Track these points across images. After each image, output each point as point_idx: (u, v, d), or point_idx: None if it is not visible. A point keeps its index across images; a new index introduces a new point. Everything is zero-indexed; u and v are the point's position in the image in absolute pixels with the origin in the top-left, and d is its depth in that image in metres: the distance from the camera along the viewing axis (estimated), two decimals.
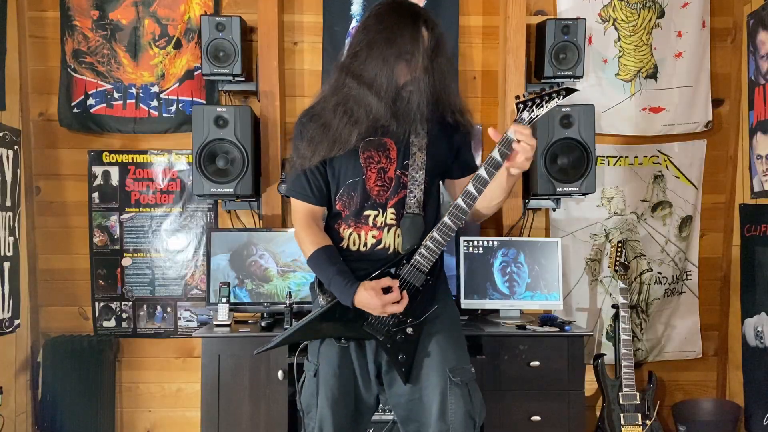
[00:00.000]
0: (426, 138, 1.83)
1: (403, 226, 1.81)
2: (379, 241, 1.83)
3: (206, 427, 2.68)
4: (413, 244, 1.78)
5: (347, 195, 1.84)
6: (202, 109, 2.94)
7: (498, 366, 2.71)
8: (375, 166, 1.83)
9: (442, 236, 1.74)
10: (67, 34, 3.22)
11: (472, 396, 1.81)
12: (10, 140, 3.05)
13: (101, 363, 3.14)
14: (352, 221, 1.85)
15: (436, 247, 1.75)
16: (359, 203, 1.83)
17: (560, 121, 2.96)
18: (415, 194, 1.81)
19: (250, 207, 3.22)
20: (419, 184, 1.82)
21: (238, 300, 2.96)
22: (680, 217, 3.37)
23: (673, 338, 3.39)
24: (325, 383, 1.83)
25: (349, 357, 1.84)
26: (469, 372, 1.83)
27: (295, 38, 3.29)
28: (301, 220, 1.89)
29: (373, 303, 1.72)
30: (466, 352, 1.89)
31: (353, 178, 1.83)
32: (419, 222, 1.80)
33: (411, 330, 1.80)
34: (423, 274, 1.77)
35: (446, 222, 1.73)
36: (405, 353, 1.80)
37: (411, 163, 1.82)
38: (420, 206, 1.81)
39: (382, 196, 1.83)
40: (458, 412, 1.77)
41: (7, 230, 3.00)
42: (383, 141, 1.84)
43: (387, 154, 1.84)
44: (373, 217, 1.83)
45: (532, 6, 3.29)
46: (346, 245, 1.86)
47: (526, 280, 2.99)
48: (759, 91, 3.10)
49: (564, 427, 2.73)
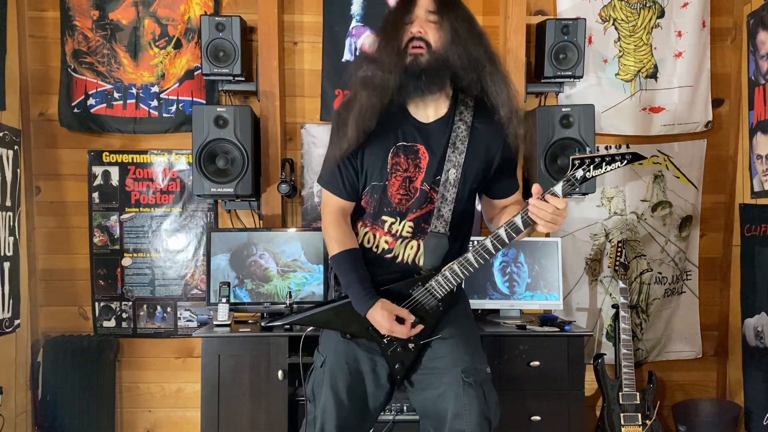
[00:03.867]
0: (464, 154, 1.75)
1: (427, 245, 1.78)
2: (390, 250, 1.82)
3: (206, 427, 2.68)
4: (434, 263, 1.77)
5: (371, 195, 1.83)
6: (202, 109, 2.94)
7: (498, 366, 2.71)
8: (401, 174, 1.79)
9: (462, 269, 1.73)
10: (67, 34, 3.22)
11: (486, 397, 1.80)
12: (10, 140, 3.05)
13: (101, 363, 3.14)
14: (370, 221, 1.85)
15: (454, 278, 1.74)
16: (378, 207, 1.82)
17: (560, 121, 2.96)
18: (443, 213, 1.76)
19: (250, 207, 3.22)
20: (449, 203, 1.76)
21: (238, 300, 2.96)
22: (680, 217, 3.37)
23: (673, 338, 3.39)
24: (332, 376, 1.82)
25: (359, 353, 1.84)
26: (483, 372, 1.82)
27: (295, 38, 3.29)
28: (330, 214, 1.86)
29: (384, 325, 1.73)
30: (482, 352, 1.88)
31: (377, 181, 1.81)
32: (444, 243, 1.77)
33: (412, 346, 1.81)
34: (435, 300, 1.77)
35: (469, 259, 1.72)
36: (401, 363, 1.82)
37: (443, 180, 1.76)
38: (446, 226, 1.77)
39: (403, 206, 1.80)
40: (473, 413, 1.76)
41: (7, 230, 3.00)
42: (416, 147, 1.78)
43: (417, 162, 1.78)
44: (389, 223, 1.82)
45: (532, 6, 3.29)
46: (360, 241, 1.86)
47: (526, 280, 2.99)
48: (759, 91, 3.10)
49: (564, 427, 2.73)
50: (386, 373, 1.85)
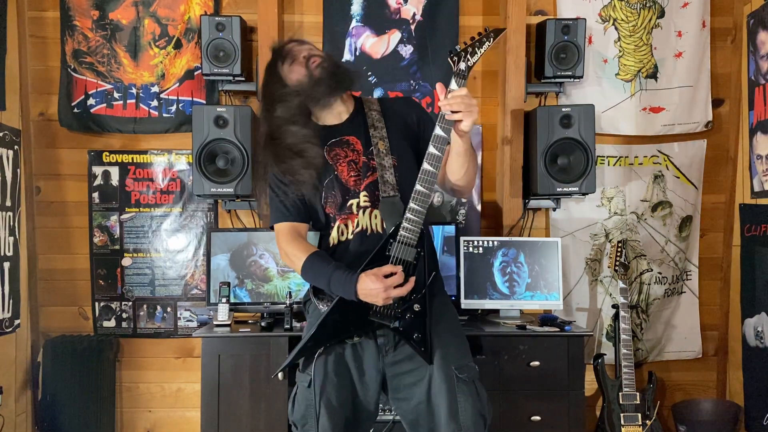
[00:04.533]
0: (385, 129, 1.90)
1: (382, 211, 1.83)
2: (359, 225, 1.85)
3: (206, 427, 2.68)
4: (395, 223, 1.79)
5: (331, 195, 1.87)
6: (202, 109, 2.94)
7: (498, 366, 2.71)
8: (344, 161, 1.88)
9: (419, 205, 1.76)
10: (67, 34, 3.22)
11: (479, 393, 1.80)
12: (10, 140, 3.05)
13: (101, 363, 3.14)
14: (338, 215, 1.87)
15: (417, 216, 1.76)
16: (341, 197, 1.86)
17: (560, 121, 2.96)
18: (387, 179, 1.83)
19: (250, 207, 3.22)
20: (388, 169, 1.85)
21: (238, 300, 2.96)
22: (680, 217, 3.37)
23: (673, 338, 3.39)
24: (323, 393, 1.80)
25: (346, 365, 1.83)
26: (474, 369, 1.83)
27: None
28: (283, 237, 1.89)
29: (376, 289, 1.70)
30: (468, 349, 1.89)
31: (326, 177, 1.87)
32: (397, 202, 1.82)
33: (418, 306, 1.78)
34: (413, 248, 1.77)
35: (419, 189, 1.75)
36: (418, 331, 1.78)
37: (375, 151, 1.86)
38: (394, 188, 1.83)
39: (358, 185, 1.87)
40: (468, 411, 1.75)
41: (7, 230, 3.00)
42: (344, 139, 1.90)
43: (352, 147, 1.89)
44: (355, 204, 1.86)
45: (532, 6, 3.29)
46: (337, 240, 1.87)
47: (526, 280, 2.99)
48: (759, 91, 3.10)
49: (564, 427, 2.73)
50: (375, 382, 1.83)
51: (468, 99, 1.68)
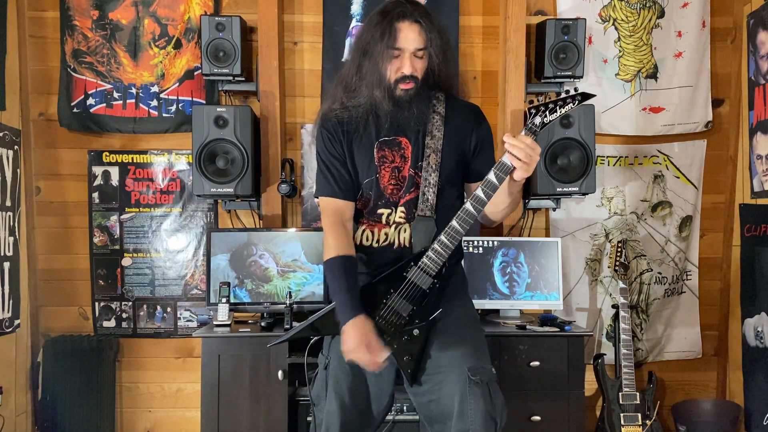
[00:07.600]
0: (442, 140, 1.84)
1: (414, 228, 1.83)
2: (387, 238, 1.86)
3: (206, 427, 2.68)
4: (424, 245, 1.79)
5: (365, 194, 1.88)
6: (202, 109, 2.94)
7: (498, 366, 2.69)
8: (389, 165, 1.86)
9: (449, 240, 1.74)
10: (67, 34, 3.22)
11: (492, 396, 1.79)
12: (10, 140, 3.05)
13: (101, 363, 3.14)
14: (366, 219, 1.89)
15: (444, 250, 1.75)
16: (374, 201, 1.87)
17: (560, 121, 2.96)
18: (427, 197, 1.82)
19: (250, 207, 3.22)
20: (432, 186, 1.82)
21: (238, 300, 2.96)
22: (680, 217, 3.37)
23: (673, 338, 3.39)
24: (335, 378, 1.83)
25: None
26: (489, 372, 1.82)
27: (295, 38, 3.29)
28: (327, 219, 1.89)
29: (350, 344, 1.72)
30: (487, 352, 1.88)
31: (368, 177, 1.86)
32: (431, 225, 1.81)
33: (417, 332, 1.81)
34: (430, 277, 1.77)
35: (454, 226, 1.74)
36: (409, 354, 1.81)
37: (425, 165, 1.83)
38: (432, 209, 1.82)
39: (395, 195, 1.86)
40: (478, 413, 1.75)
41: (7, 230, 3.00)
42: (398, 140, 1.86)
43: (402, 153, 1.86)
44: (386, 215, 1.86)
45: (532, 6, 3.29)
46: (359, 242, 1.89)
47: (526, 280, 2.99)
48: (759, 91, 3.10)
49: (564, 427, 2.73)
50: (390, 375, 1.85)
51: (533, 151, 1.62)
